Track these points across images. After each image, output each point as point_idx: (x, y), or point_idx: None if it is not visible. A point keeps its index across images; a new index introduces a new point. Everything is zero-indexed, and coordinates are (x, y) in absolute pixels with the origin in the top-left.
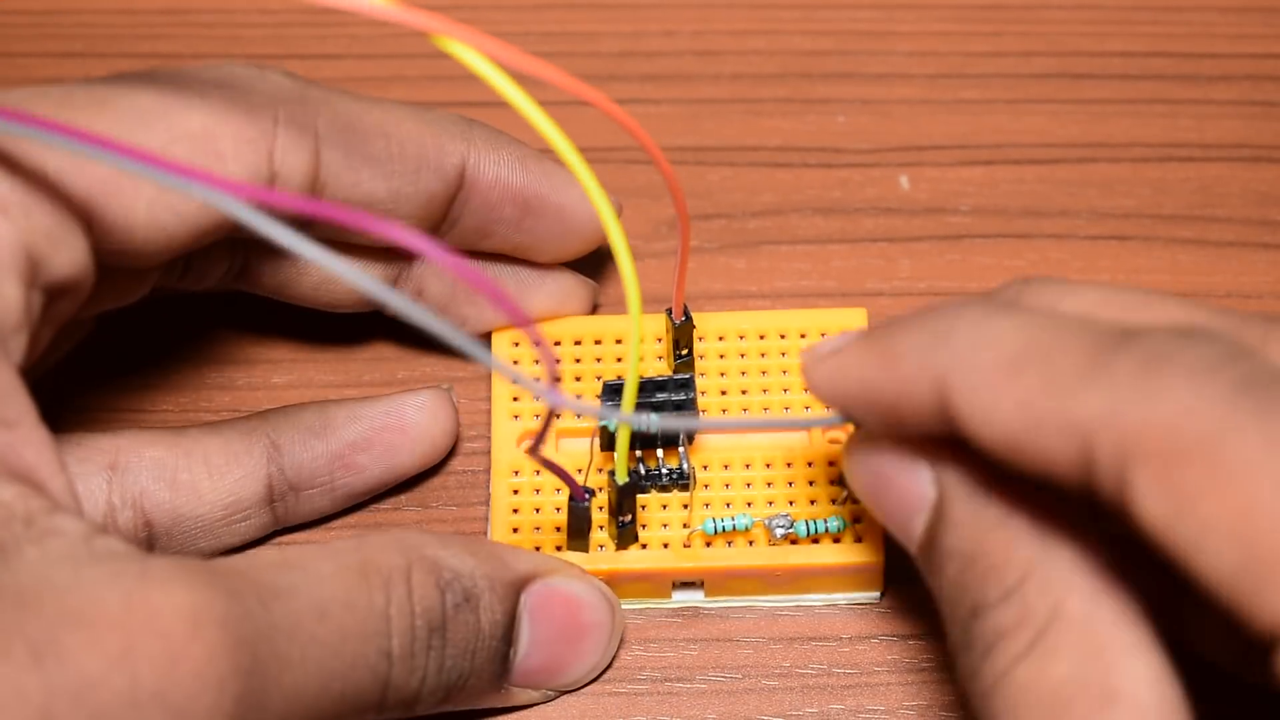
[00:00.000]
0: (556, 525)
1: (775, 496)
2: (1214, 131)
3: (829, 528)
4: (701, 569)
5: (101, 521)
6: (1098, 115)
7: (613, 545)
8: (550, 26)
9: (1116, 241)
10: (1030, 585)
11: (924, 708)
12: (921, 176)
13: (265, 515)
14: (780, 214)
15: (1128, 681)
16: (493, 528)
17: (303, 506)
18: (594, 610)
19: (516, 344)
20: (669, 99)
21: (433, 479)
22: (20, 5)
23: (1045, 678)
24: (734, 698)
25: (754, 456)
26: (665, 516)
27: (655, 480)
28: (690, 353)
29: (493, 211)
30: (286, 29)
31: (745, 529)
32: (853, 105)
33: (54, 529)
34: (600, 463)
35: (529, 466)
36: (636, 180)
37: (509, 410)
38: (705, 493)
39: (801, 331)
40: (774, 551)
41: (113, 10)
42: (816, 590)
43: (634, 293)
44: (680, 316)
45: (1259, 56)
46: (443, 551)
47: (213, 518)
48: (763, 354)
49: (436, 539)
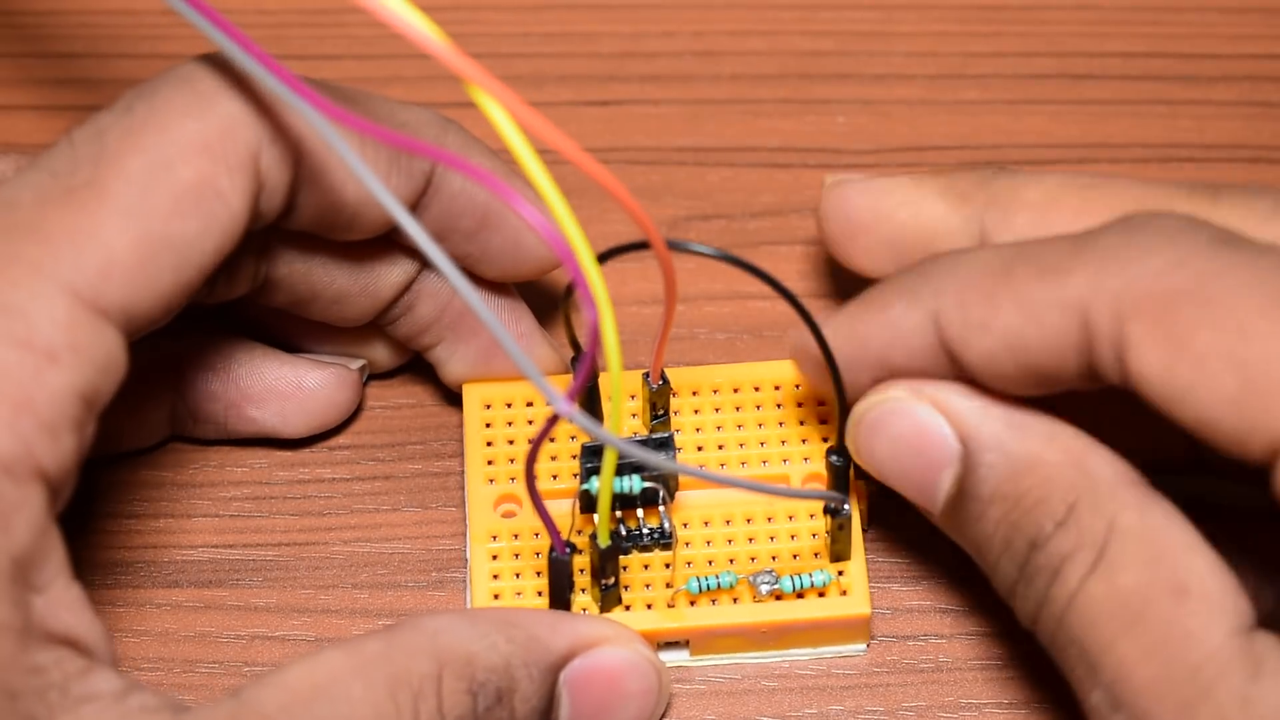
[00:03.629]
0: (538, 590)
1: (758, 552)
2: (1214, 131)
3: (814, 582)
4: (687, 629)
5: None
6: (1098, 115)
7: (596, 608)
8: (550, 27)
9: None
10: (1081, 508)
11: (924, 708)
12: None
13: (166, 429)
14: (780, 214)
15: (1194, 576)
16: (473, 598)
17: (200, 433)
18: (638, 678)
19: (488, 406)
20: (669, 99)
21: (433, 479)
22: (21, 5)
23: (1117, 588)
24: (734, 698)
25: (735, 512)
26: (648, 576)
27: (637, 540)
28: (666, 412)
29: (451, 220)
30: (286, 29)
31: (730, 586)
32: (853, 105)
33: (89, 693)
34: (580, 525)
35: (506, 531)
36: (636, 180)
37: (484, 474)
38: (688, 551)
39: (775, 383)
40: (760, 608)
41: (113, 10)
42: (803, 645)
43: (614, 352)
44: (658, 381)
45: (1259, 56)
46: (476, 646)
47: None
48: (738, 407)
49: (469, 627)
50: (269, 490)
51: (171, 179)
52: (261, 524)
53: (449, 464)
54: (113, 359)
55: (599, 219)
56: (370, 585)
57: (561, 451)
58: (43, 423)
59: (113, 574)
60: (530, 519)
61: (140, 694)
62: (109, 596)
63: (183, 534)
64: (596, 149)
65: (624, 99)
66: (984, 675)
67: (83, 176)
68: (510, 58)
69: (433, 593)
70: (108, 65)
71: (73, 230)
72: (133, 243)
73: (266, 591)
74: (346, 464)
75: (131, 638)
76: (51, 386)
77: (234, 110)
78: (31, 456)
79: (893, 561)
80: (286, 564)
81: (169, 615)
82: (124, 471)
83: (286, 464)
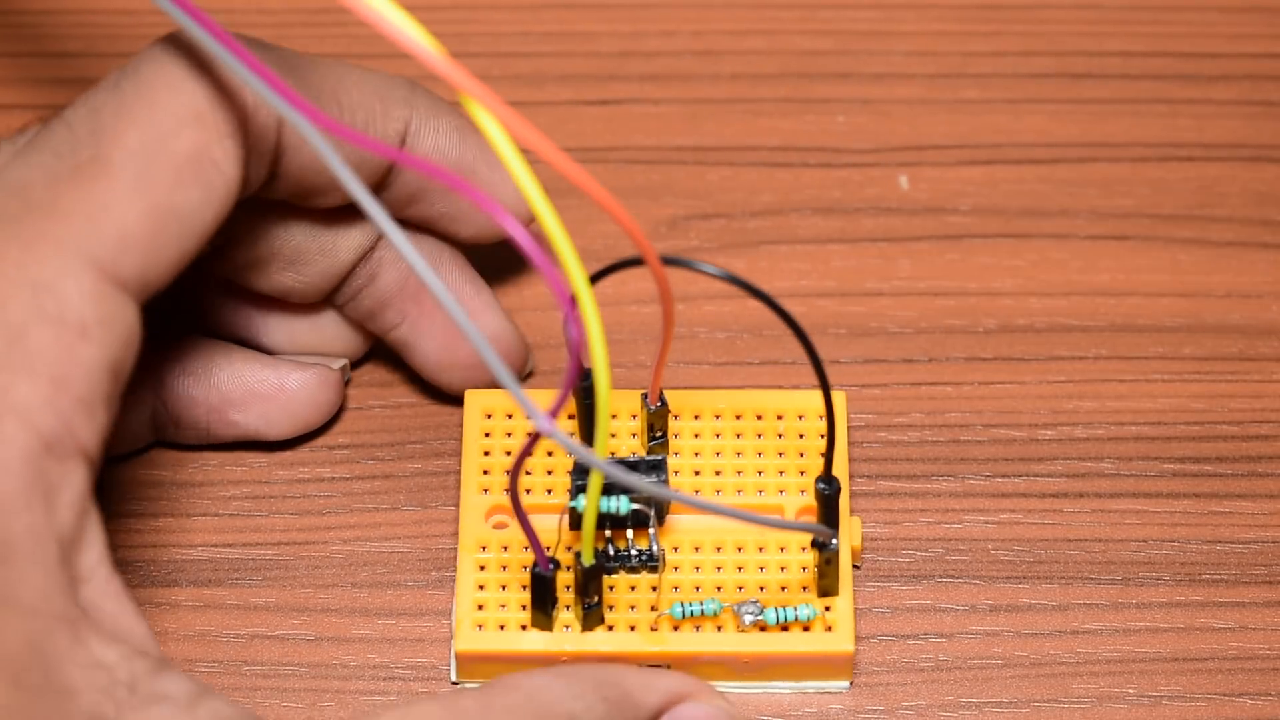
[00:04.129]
0: (522, 604)
1: (745, 582)
2: (1214, 131)
3: (799, 615)
4: (668, 654)
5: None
6: (1098, 115)
7: (579, 626)
8: (550, 26)
9: (1116, 241)
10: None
11: (924, 708)
12: (921, 176)
13: (149, 435)
14: (780, 214)
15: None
16: (457, 604)
17: (183, 439)
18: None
19: (489, 415)
20: (669, 99)
21: (432, 478)
22: (20, 5)
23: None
24: (734, 698)
25: (725, 539)
26: (633, 598)
27: (624, 561)
28: (665, 434)
29: (424, 179)
30: (286, 29)
31: (714, 614)
32: (853, 105)
33: (159, 694)
34: (569, 541)
35: (496, 542)
36: (636, 180)
37: (479, 484)
38: (674, 575)
39: (778, 413)
40: (742, 638)
41: (113, 10)
42: (785, 678)
43: (602, 369)
44: (656, 402)
45: (1259, 56)
46: (575, 706)
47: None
48: (738, 434)
49: (565, 687)
50: (268, 490)
51: (170, 150)
52: (261, 523)
53: (448, 463)
54: (133, 331)
55: (598, 218)
56: (369, 584)
57: (557, 466)
58: (80, 399)
59: None
60: (520, 532)
61: (214, 700)
62: None
63: (182, 533)
64: (596, 148)
65: (624, 98)
66: (984, 675)
67: (86, 154)
68: (510, 57)
69: (432, 592)
70: (106, 65)
71: (87, 205)
72: (142, 214)
73: (266, 591)
74: (346, 463)
75: None
76: (85, 362)
77: (216, 82)
78: (72, 434)
79: (892, 560)
80: (286, 563)
81: (168, 615)
82: (123, 471)
83: (286, 463)
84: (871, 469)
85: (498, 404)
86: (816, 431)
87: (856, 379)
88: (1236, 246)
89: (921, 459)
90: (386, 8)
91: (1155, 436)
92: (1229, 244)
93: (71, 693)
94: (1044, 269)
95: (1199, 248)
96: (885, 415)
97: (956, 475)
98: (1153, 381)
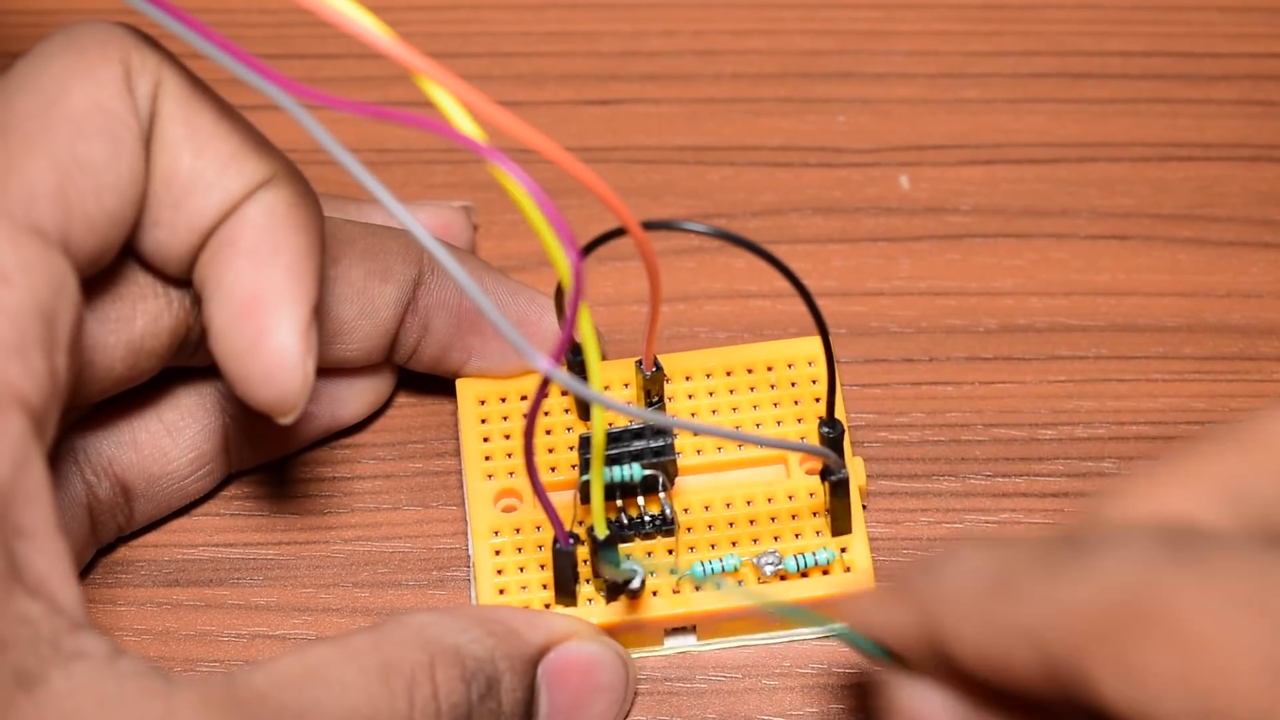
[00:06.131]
0: (543, 583)
1: (760, 533)
2: (1214, 131)
3: (818, 560)
4: (694, 614)
5: (85, 499)
6: (1098, 115)
7: (602, 598)
8: (550, 26)
9: (1116, 241)
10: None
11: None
12: (921, 176)
13: (223, 462)
14: (780, 214)
15: None
16: (478, 593)
17: (256, 451)
18: (609, 670)
19: (483, 401)
20: (669, 99)
21: (433, 477)
22: (20, 5)
23: None
24: (734, 698)
25: (735, 495)
26: (651, 564)
27: (639, 528)
28: (661, 399)
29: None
30: (286, 29)
31: (734, 569)
32: (853, 105)
33: (79, 650)
34: (582, 516)
35: (508, 525)
36: (637, 180)
37: (483, 470)
38: (690, 536)
39: (768, 364)
40: (765, 589)
41: (113, 10)
42: (809, 623)
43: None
44: (650, 368)
45: (1259, 56)
46: (462, 639)
47: (181, 474)
48: (731, 390)
49: (453, 622)
50: (270, 489)
51: (65, 106)
52: (262, 523)
53: (449, 463)
54: (64, 281)
55: (599, 219)
56: (371, 584)
57: (559, 444)
58: (8, 343)
59: (113, 573)
60: (531, 513)
61: (128, 659)
62: (109, 595)
63: (183, 533)
64: (596, 148)
65: (624, 98)
66: None
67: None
68: (510, 57)
69: (433, 591)
70: None
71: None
72: (45, 168)
73: (267, 590)
74: (347, 463)
75: (132, 637)
76: (9, 306)
77: (102, 37)
78: (4, 379)
79: (893, 560)
80: (287, 563)
81: (169, 614)
82: None
83: (287, 463)
84: (872, 469)
85: (490, 390)
86: (808, 378)
87: (857, 379)
88: (1236, 246)
89: (922, 459)
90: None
91: (1156, 436)
92: (1229, 244)
93: (3, 646)
94: (1044, 269)
95: (1199, 248)
96: (886, 415)
97: (957, 475)
98: (1153, 381)
